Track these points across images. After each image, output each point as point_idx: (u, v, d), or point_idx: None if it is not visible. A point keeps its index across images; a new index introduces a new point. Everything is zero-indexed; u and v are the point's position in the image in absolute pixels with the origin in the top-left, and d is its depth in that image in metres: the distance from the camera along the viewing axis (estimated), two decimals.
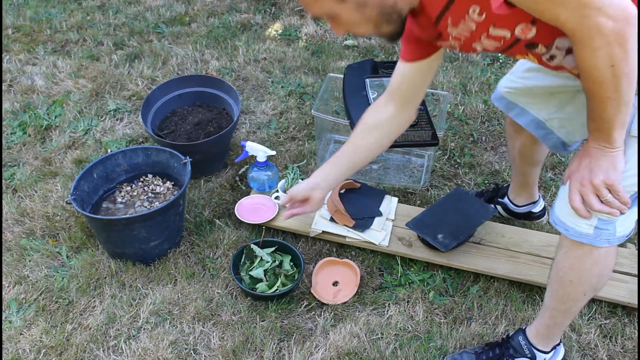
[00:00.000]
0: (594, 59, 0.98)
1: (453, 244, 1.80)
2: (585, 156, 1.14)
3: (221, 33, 3.15)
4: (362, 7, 1.10)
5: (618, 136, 1.09)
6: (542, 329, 1.50)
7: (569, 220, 1.24)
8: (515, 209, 1.99)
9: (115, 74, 2.79)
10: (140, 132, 2.45)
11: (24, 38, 3.10)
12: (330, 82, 2.28)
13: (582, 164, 1.14)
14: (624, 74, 0.99)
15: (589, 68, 1.01)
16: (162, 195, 1.98)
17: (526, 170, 1.86)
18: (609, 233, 1.21)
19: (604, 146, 1.11)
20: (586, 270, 1.28)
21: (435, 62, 1.36)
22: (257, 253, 1.85)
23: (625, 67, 0.98)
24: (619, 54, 0.96)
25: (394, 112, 1.45)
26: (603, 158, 1.11)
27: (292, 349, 1.65)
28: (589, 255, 1.26)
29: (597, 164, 1.12)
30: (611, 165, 1.11)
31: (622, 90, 1.01)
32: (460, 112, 2.57)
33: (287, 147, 2.38)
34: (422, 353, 1.65)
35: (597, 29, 0.94)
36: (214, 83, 2.35)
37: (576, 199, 1.16)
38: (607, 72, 0.99)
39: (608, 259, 1.28)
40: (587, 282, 1.31)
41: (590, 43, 0.97)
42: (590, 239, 1.22)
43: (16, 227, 2.01)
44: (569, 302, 1.37)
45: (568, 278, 1.31)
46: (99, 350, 1.64)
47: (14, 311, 1.74)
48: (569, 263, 1.29)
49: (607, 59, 0.97)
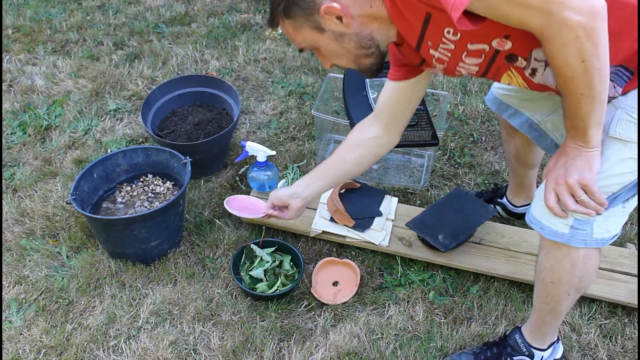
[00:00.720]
0: (563, 55, 0.98)
1: (453, 244, 1.80)
2: (561, 155, 1.14)
3: (221, 33, 3.15)
4: (340, 38, 1.15)
5: (594, 135, 1.08)
6: (533, 328, 1.51)
7: (544, 219, 1.23)
8: (514, 210, 1.99)
9: (115, 74, 2.79)
10: (140, 132, 2.45)
11: (24, 38, 3.10)
12: (330, 82, 2.28)
13: (559, 162, 1.14)
14: (595, 69, 0.98)
15: (560, 65, 1.00)
16: (162, 195, 1.98)
17: (522, 172, 1.87)
18: (585, 234, 1.20)
19: (580, 145, 1.11)
20: (565, 272, 1.28)
21: (420, 84, 1.40)
22: (257, 253, 1.85)
23: (596, 62, 0.97)
24: (589, 49, 0.95)
25: (378, 132, 1.49)
26: (579, 157, 1.11)
27: (292, 349, 1.65)
28: (567, 256, 1.25)
29: (572, 164, 1.12)
30: (587, 165, 1.10)
31: (595, 87, 1.00)
32: (460, 112, 2.57)
33: (287, 147, 2.38)
34: (422, 353, 1.65)
35: (563, 24, 0.93)
36: (214, 83, 2.35)
37: (551, 197, 1.16)
38: (578, 68, 0.98)
39: (588, 262, 1.26)
40: (568, 283, 1.30)
41: (559, 38, 0.96)
42: (565, 238, 1.21)
43: (16, 227, 2.01)
44: (552, 302, 1.37)
45: (549, 279, 1.31)
46: (99, 350, 1.64)
47: (14, 311, 1.74)
48: (549, 264, 1.29)
49: (577, 54, 0.96)
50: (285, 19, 1.17)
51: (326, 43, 1.18)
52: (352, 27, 1.13)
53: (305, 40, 1.19)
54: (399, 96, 1.43)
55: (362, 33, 1.14)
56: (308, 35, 1.17)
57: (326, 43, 1.18)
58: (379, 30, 1.15)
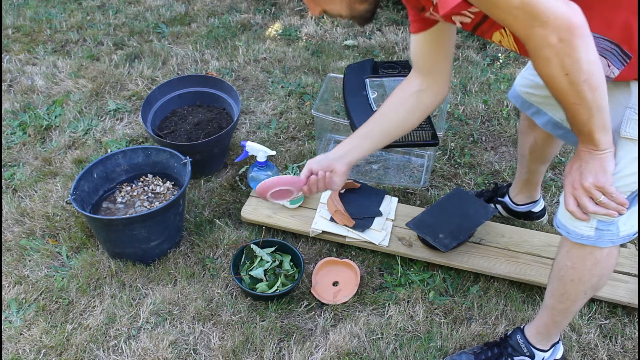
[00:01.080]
0: (547, 68, 0.99)
1: (453, 244, 1.80)
2: (576, 159, 1.15)
3: (221, 33, 3.15)
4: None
5: (602, 138, 1.08)
6: (541, 328, 1.50)
7: (569, 224, 1.24)
8: (516, 208, 1.99)
9: (115, 74, 2.79)
10: (140, 132, 2.45)
11: (24, 38, 3.10)
12: (330, 82, 2.28)
13: (574, 167, 1.15)
14: (581, 81, 0.99)
15: (546, 78, 1.02)
16: (162, 195, 1.98)
17: (534, 167, 1.85)
18: (611, 233, 1.21)
19: (591, 149, 1.11)
20: (587, 270, 1.29)
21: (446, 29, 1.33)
22: (257, 253, 1.85)
23: (580, 75, 0.98)
24: (569, 63, 0.97)
25: (421, 84, 1.40)
26: (591, 160, 1.11)
27: (292, 349, 1.65)
28: (590, 255, 1.26)
29: (586, 167, 1.12)
30: (600, 167, 1.11)
31: (585, 96, 1.01)
32: (460, 112, 2.57)
33: (287, 147, 2.38)
34: (422, 353, 1.65)
35: (543, 41, 0.96)
36: (214, 83, 2.35)
37: (570, 202, 1.16)
38: (563, 81, 0.99)
39: (610, 260, 1.28)
40: (588, 282, 1.31)
41: (541, 54, 0.98)
42: (592, 240, 1.23)
43: (16, 227, 2.01)
44: (568, 301, 1.37)
45: (569, 277, 1.31)
46: (99, 350, 1.64)
47: (14, 311, 1.74)
48: (571, 262, 1.30)
49: (560, 69, 0.98)
50: None
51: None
52: None
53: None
54: (428, 46, 1.35)
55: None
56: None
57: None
58: None
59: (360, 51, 3.02)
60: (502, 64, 2.93)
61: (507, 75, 2.81)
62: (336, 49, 3.03)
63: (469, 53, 3.01)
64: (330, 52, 2.99)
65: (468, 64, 2.92)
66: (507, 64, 2.93)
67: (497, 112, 2.57)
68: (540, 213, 2.00)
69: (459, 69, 2.87)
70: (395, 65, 2.01)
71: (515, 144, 2.40)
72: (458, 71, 2.85)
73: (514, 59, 2.98)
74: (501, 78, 2.79)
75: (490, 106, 2.60)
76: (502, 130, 2.47)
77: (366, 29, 3.22)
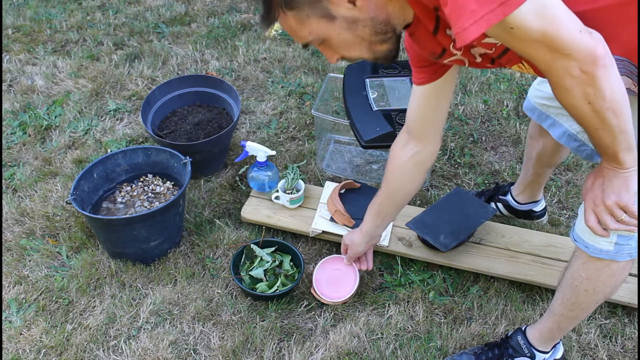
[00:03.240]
0: (569, 98, 0.98)
1: (453, 244, 1.80)
2: (598, 176, 1.12)
3: (221, 33, 3.15)
4: (354, 25, 1.02)
5: (627, 158, 1.06)
6: (545, 332, 1.50)
7: (588, 238, 1.24)
8: (517, 207, 1.99)
9: (115, 74, 2.79)
10: (140, 132, 2.45)
11: (24, 38, 3.10)
12: (330, 82, 2.28)
13: (596, 183, 1.13)
14: (604, 109, 0.97)
15: (568, 106, 1.01)
16: (162, 195, 1.98)
17: (540, 170, 1.85)
18: (630, 247, 1.20)
19: (615, 167, 1.09)
20: (602, 282, 1.28)
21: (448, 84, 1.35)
22: (257, 253, 1.85)
23: (602, 103, 0.97)
24: (592, 93, 0.95)
25: (416, 148, 1.45)
26: (615, 178, 1.09)
27: (292, 349, 1.65)
28: (607, 267, 1.25)
29: (609, 185, 1.10)
30: (624, 186, 1.09)
31: (609, 122, 0.99)
32: (460, 112, 2.57)
33: (287, 147, 2.38)
34: (422, 353, 1.65)
35: (565, 72, 0.94)
36: (214, 83, 2.35)
37: (591, 218, 1.14)
38: (586, 109, 0.98)
39: (625, 271, 1.28)
40: (602, 292, 1.31)
41: (562, 84, 0.96)
42: (611, 255, 1.22)
43: (16, 227, 2.01)
44: (578, 310, 1.37)
45: (583, 288, 1.31)
46: (99, 350, 1.64)
47: (14, 311, 1.74)
48: (586, 274, 1.29)
49: (582, 98, 0.97)
50: (286, 11, 1.02)
51: (337, 33, 1.03)
52: (367, 11, 1.00)
53: (312, 32, 1.04)
54: (428, 101, 1.37)
55: (377, 17, 1.02)
56: (316, 26, 1.02)
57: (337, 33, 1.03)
58: (395, 12, 1.03)
59: None
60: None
61: (507, 75, 2.80)
62: None
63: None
64: None
65: None
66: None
67: (497, 112, 2.57)
68: (541, 212, 2.00)
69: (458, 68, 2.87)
70: (395, 65, 2.01)
71: (515, 144, 2.40)
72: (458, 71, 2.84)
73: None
74: (501, 78, 2.79)
75: (490, 106, 2.60)
76: (502, 130, 2.47)
77: None
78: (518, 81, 2.77)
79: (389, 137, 1.76)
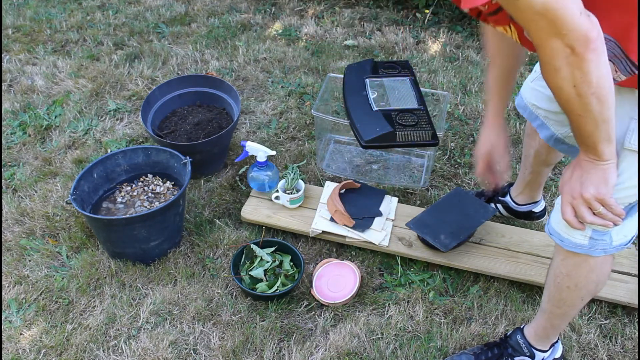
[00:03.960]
0: (556, 78, 0.99)
1: (453, 244, 1.80)
2: (577, 168, 1.13)
3: (221, 33, 3.15)
4: None
5: (605, 150, 1.07)
6: (539, 330, 1.51)
7: (563, 231, 1.24)
8: (517, 208, 1.99)
9: (115, 74, 2.79)
10: (140, 132, 2.45)
11: (24, 38, 3.10)
12: (330, 82, 2.28)
13: (574, 176, 1.13)
14: (589, 94, 0.98)
15: (554, 87, 1.01)
16: (162, 195, 1.98)
17: (538, 169, 1.85)
18: (604, 243, 1.21)
19: (593, 159, 1.09)
20: (583, 277, 1.29)
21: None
22: (257, 253, 1.85)
23: (588, 88, 0.97)
24: (579, 77, 0.96)
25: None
26: (593, 171, 1.10)
27: (292, 349, 1.65)
28: (585, 262, 1.26)
29: (587, 177, 1.10)
30: (602, 178, 1.09)
31: (592, 109, 1.00)
32: (460, 112, 2.57)
33: (287, 147, 2.38)
34: (422, 353, 1.65)
35: (557, 51, 0.95)
36: (214, 83, 2.35)
37: (568, 211, 1.15)
38: (571, 92, 0.99)
39: (605, 266, 1.28)
40: (584, 288, 1.31)
41: (552, 63, 0.97)
42: (585, 249, 1.22)
43: (16, 227, 2.01)
44: (565, 306, 1.38)
45: (565, 284, 1.32)
46: (99, 350, 1.64)
47: (14, 311, 1.74)
48: (566, 270, 1.30)
49: (569, 80, 0.97)
50: None
51: None
52: None
53: None
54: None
55: None
56: None
57: None
58: None
59: (360, 51, 3.02)
60: None
61: None
62: (336, 49, 3.03)
63: (469, 53, 3.01)
64: (330, 52, 2.99)
65: (468, 64, 2.92)
66: None
67: None
68: (540, 213, 2.00)
69: (459, 69, 2.87)
70: (395, 66, 2.00)
71: (515, 144, 2.40)
72: (458, 71, 2.85)
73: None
74: None
75: None
76: None
77: (366, 29, 3.22)
78: (518, 81, 2.77)
79: (389, 137, 1.75)
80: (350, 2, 3.53)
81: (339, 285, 1.81)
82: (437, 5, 3.35)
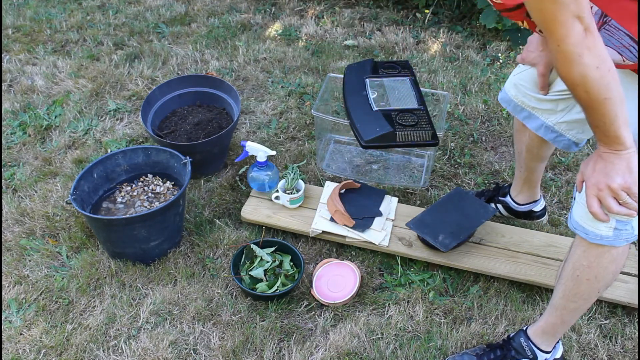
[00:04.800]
0: (580, 66, 1.01)
1: (453, 244, 1.80)
2: (598, 161, 1.14)
3: (221, 33, 3.15)
4: None
5: (627, 135, 1.09)
6: (548, 328, 1.50)
7: (587, 225, 1.25)
8: (517, 208, 1.99)
9: (115, 74, 2.79)
10: (140, 132, 2.45)
11: (24, 38, 3.10)
12: (330, 82, 2.28)
13: (597, 168, 1.14)
14: (607, 71, 1.01)
15: (578, 78, 1.03)
16: (162, 195, 1.98)
17: (532, 165, 1.85)
18: (627, 232, 1.23)
19: (615, 149, 1.11)
20: (603, 268, 1.30)
21: None
22: (257, 253, 1.85)
23: (605, 65, 1.01)
24: (597, 56, 1.00)
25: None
26: (617, 161, 1.11)
27: (292, 349, 1.65)
28: (608, 253, 1.27)
29: (612, 168, 1.11)
30: (627, 167, 1.11)
31: (614, 87, 1.03)
32: (460, 112, 2.57)
33: (287, 147, 2.38)
34: (422, 353, 1.65)
35: (579, 35, 0.98)
36: (214, 83, 2.35)
37: (594, 204, 1.16)
38: (595, 75, 1.01)
39: (624, 256, 1.30)
40: (603, 280, 1.32)
41: (575, 50, 1.00)
42: (610, 240, 1.24)
43: (16, 227, 2.01)
44: (581, 300, 1.38)
45: (585, 276, 1.32)
46: (99, 350, 1.64)
47: (14, 311, 1.74)
48: (587, 262, 1.30)
49: (592, 64, 1.00)
50: None
51: None
52: None
53: None
54: None
55: None
56: None
57: None
58: None
59: (360, 51, 3.02)
60: (502, 64, 2.93)
61: (507, 75, 2.80)
62: (336, 49, 3.03)
63: (469, 53, 3.01)
64: (330, 52, 2.99)
65: (468, 64, 2.92)
66: (507, 64, 2.93)
67: (497, 112, 2.57)
68: (540, 213, 2.00)
69: (459, 69, 2.87)
70: (395, 66, 2.01)
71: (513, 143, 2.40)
72: (458, 71, 2.85)
73: (513, 59, 2.97)
74: (501, 78, 2.79)
75: (490, 106, 2.60)
76: (502, 130, 2.47)
77: (366, 29, 3.22)
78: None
79: (389, 137, 1.75)
80: (350, 2, 3.53)
81: (339, 285, 1.81)
82: (437, 5, 3.35)
